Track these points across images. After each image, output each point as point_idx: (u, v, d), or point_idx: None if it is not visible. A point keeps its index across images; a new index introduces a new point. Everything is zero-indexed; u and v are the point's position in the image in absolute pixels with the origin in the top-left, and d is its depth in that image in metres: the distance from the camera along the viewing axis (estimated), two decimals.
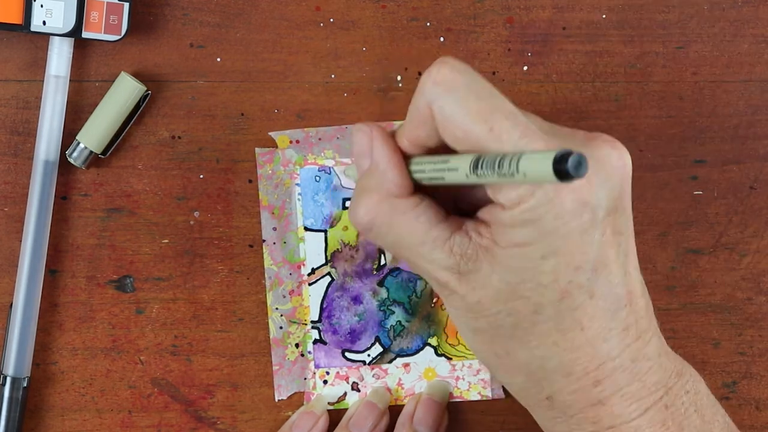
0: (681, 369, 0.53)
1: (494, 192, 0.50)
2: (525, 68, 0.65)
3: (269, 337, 0.64)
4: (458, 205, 0.55)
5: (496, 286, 0.50)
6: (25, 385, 0.62)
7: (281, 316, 0.64)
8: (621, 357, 0.51)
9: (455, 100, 0.50)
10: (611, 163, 0.50)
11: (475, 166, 0.48)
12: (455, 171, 0.50)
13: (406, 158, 0.53)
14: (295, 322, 0.64)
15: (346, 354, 0.64)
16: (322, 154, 0.64)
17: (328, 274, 0.64)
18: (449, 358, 0.65)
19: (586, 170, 0.43)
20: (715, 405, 0.54)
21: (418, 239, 0.52)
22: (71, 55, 0.62)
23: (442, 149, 0.52)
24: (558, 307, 0.50)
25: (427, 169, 0.52)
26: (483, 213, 0.51)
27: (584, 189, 0.49)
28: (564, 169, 0.43)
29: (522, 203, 0.49)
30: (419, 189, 0.53)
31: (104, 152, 0.63)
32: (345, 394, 0.64)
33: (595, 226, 0.49)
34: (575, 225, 0.49)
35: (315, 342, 0.64)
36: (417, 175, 0.52)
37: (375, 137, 0.53)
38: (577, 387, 0.51)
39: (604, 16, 0.65)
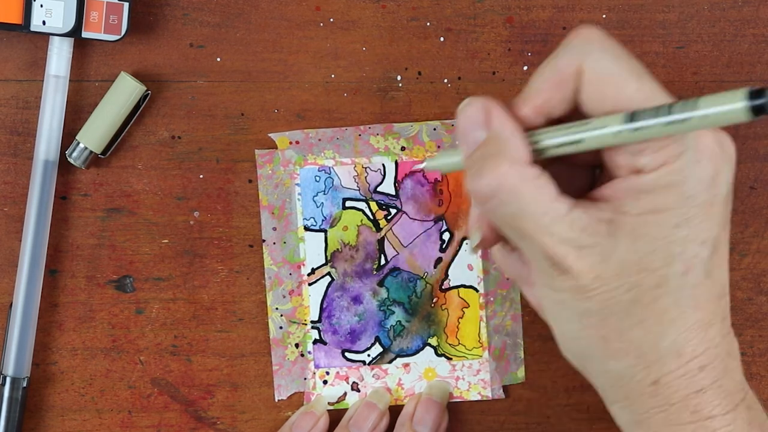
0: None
1: (635, 155, 0.49)
2: (525, 68, 0.65)
3: (269, 337, 0.64)
4: (604, 172, 0.54)
5: (622, 258, 0.49)
6: (24, 385, 0.62)
7: (281, 316, 0.64)
8: (720, 346, 0.51)
9: (610, 57, 0.49)
10: (726, 150, 0.50)
11: (631, 119, 0.48)
12: (600, 130, 0.49)
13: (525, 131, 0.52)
14: (295, 322, 0.64)
15: (346, 354, 0.64)
16: (322, 154, 0.64)
17: (328, 274, 0.64)
18: (449, 358, 0.65)
19: None
20: None
21: (542, 209, 0.50)
22: (71, 55, 0.62)
23: (567, 119, 0.51)
24: (681, 281, 0.50)
25: (559, 135, 0.50)
26: (601, 190, 0.51)
27: (717, 160, 0.49)
28: (761, 104, 0.44)
29: (667, 164, 0.48)
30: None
31: (104, 152, 0.63)
32: (345, 394, 0.64)
33: (721, 202, 0.50)
34: (709, 195, 0.49)
35: (315, 342, 0.64)
36: (538, 146, 0.51)
37: (493, 107, 0.51)
38: (685, 370, 0.50)
39: (604, 16, 0.65)
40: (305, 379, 0.64)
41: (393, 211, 0.64)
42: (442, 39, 0.64)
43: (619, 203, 0.50)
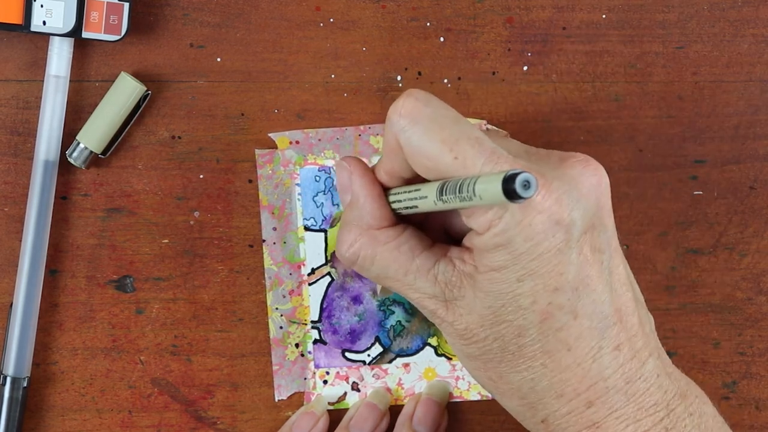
0: (685, 390, 0.53)
1: (467, 218, 0.50)
2: (525, 68, 0.65)
3: (269, 337, 0.64)
4: (449, 234, 0.56)
5: (480, 312, 0.51)
6: (25, 385, 0.62)
7: (281, 316, 0.64)
8: (614, 377, 0.51)
9: (420, 131, 0.50)
10: (584, 182, 0.50)
11: (440, 192, 0.49)
12: (425, 199, 0.50)
13: (385, 190, 0.54)
14: (295, 322, 0.64)
15: (346, 354, 0.64)
16: (322, 154, 0.64)
17: (328, 274, 0.64)
18: (449, 358, 0.65)
19: (534, 191, 0.44)
20: (722, 427, 0.53)
21: (402, 269, 0.53)
22: (71, 55, 0.62)
23: (418, 179, 0.52)
24: (541, 328, 0.50)
25: (403, 199, 0.52)
26: (465, 239, 0.52)
27: (554, 209, 0.49)
28: (512, 189, 0.44)
29: (492, 227, 0.49)
30: (404, 220, 0.54)
31: (104, 152, 0.63)
32: (345, 394, 0.65)
33: (570, 246, 0.49)
34: (548, 245, 0.49)
35: (315, 342, 0.64)
36: (395, 206, 0.53)
37: (354, 172, 0.54)
38: (569, 409, 0.51)
39: (604, 16, 0.65)
40: (305, 379, 0.64)
41: None
42: (442, 39, 0.64)
43: (474, 257, 0.51)
